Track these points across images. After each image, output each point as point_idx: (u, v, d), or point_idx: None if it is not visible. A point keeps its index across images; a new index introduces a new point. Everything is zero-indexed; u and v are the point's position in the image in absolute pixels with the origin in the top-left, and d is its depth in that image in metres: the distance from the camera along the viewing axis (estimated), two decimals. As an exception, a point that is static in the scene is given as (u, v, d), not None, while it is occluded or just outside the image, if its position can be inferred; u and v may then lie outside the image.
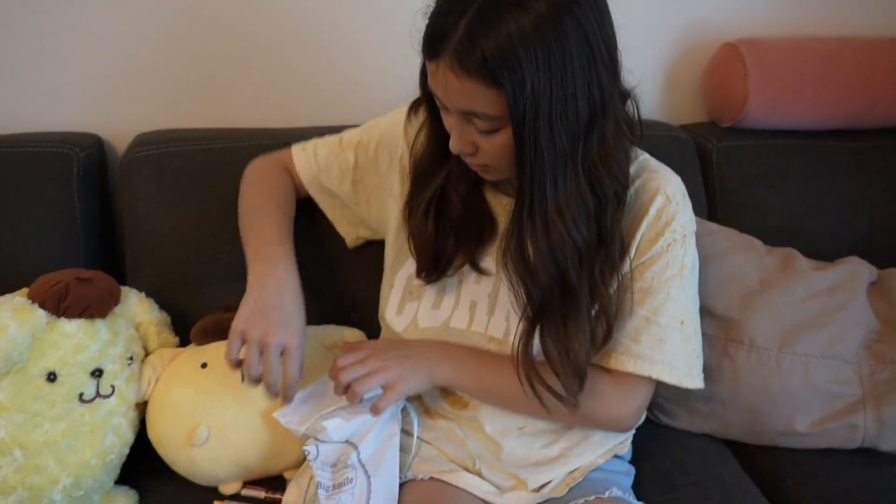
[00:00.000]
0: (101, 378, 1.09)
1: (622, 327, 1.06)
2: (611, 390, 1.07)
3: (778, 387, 1.28)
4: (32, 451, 1.02)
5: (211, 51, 1.48)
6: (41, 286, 1.07)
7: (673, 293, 1.06)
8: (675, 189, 1.07)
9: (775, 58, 1.51)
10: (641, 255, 1.05)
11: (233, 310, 1.21)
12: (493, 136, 0.93)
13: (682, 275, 1.06)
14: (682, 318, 1.07)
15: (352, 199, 1.25)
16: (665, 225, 1.04)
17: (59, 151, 1.32)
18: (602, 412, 1.08)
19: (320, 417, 1.06)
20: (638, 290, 1.05)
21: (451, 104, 0.93)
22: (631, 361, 1.05)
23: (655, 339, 1.05)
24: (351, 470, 1.04)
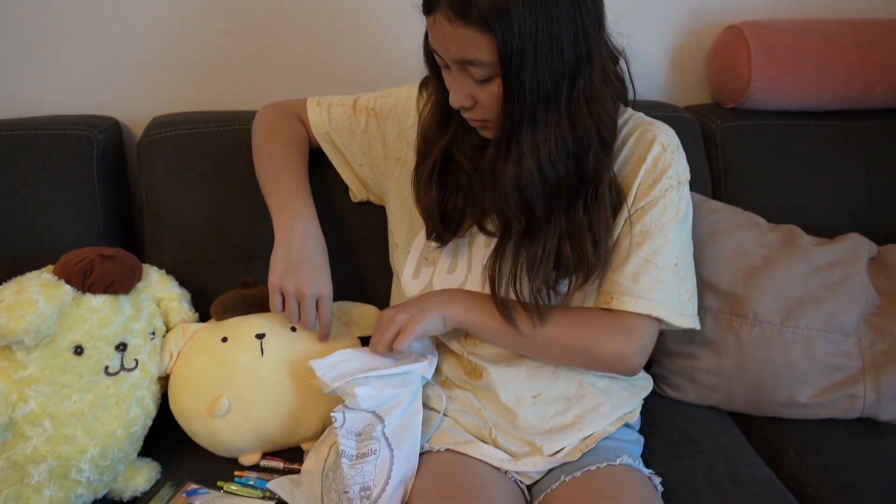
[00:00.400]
0: (125, 352, 1.12)
1: (622, 270, 1.11)
2: (613, 329, 1.11)
3: (781, 359, 1.31)
4: (61, 422, 1.05)
5: (221, 35, 1.50)
6: (66, 263, 1.10)
7: (670, 236, 1.11)
8: (669, 139, 1.13)
9: (778, 40, 1.53)
10: (640, 201, 1.11)
11: (251, 286, 1.26)
12: (488, 85, 0.99)
13: (678, 219, 1.12)
14: (678, 260, 1.13)
15: (356, 162, 1.30)
16: (662, 172, 1.11)
17: (79, 134, 1.35)
18: (607, 350, 1.12)
19: (353, 381, 1.09)
20: (637, 233, 1.11)
21: (449, 55, 0.99)
22: (631, 301, 1.10)
23: (653, 280, 1.10)
24: (375, 442, 1.07)
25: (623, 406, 1.20)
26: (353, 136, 1.28)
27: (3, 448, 1.03)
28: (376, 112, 1.27)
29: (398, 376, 1.12)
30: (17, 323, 1.00)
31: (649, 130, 1.13)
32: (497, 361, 1.17)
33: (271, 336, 1.21)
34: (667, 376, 1.39)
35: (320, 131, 1.30)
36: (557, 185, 1.03)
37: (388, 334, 1.10)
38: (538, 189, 1.03)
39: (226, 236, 1.36)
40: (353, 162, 1.31)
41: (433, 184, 1.14)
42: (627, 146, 1.13)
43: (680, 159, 1.14)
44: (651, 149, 1.11)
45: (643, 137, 1.13)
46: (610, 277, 1.13)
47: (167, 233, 1.35)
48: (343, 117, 1.29)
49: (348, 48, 1.55)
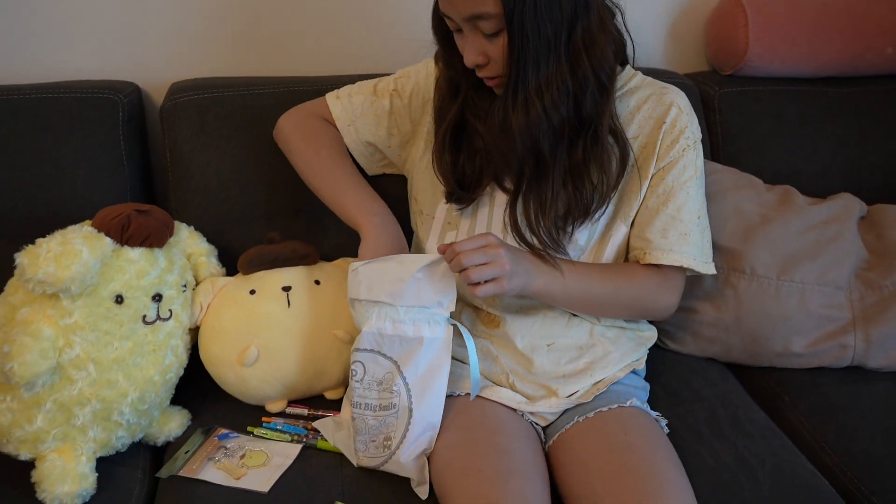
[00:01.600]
0: (160, 302, 1.17)
1: (651, 226, 1.19)
2: (657, 281, 1.20)
3: (776, 312, 1.37)
4: (104, 367, 1.11)
5: (233, 3, 1.54)
6: (105, 217, 1.15)
7: (692, 192, 1.20)
8: (684, 101, 1.22)
9: (774, 8, 1.58)
10: (662, 160, 1.19)
11: (276, 242, 1.32)
12: (497, 38, 1.06)
13: (696, 175, 1.21)
14: (699, 213, 1.22)
15: (385, 143, 1.33)
16: (680, 133, 1.19)
17: (106, 97, 1.39)
18: (659, 301, 1.23)
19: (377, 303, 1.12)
20: (661, 192, 1.19)
21: (458, 14, 1.06)
22: (663, 255, 1.18)
23: (680, 234, 1.19)
24: (396, 396, 1.11)
25: (631, 354, 1.27)
26: (380, 120, 1.31)
27: (52, 390, 1.08)
28: (399, 92, 1.31)
29: (422, 313, 1.13)
30: (65, 271, 1.04)
31: (665, 94, 1.21)
32: (514, 312, 1.23)
33: (297, 288, 1.27)
34: (668, 329, 1.45)
35: (344, 123, 1.32)
36: (560, 127, 1.10)
37: (482, 272, 1.05)
38: (545, 131, 1.09)
39: (248, 196, 1.41)
40: (381, 145, 1.33)
41: (447, 148, 1.20)
42: (645, 108, 1.20)
43: (694, 120, 1.22)
44: (669, 111, 1.19)
45: (660, 101, 1.20)
46: (640, 234, 1.20)
47: (192, 193, 1.40)
48: (366, 104, 1.32)
49: (367, 15, 1.58)
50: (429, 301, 1.12)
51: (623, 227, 1.22)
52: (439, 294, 1.12)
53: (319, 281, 1.29)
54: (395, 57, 1.43)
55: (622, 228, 1.22)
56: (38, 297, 1.09)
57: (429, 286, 1.11)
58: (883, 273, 1.40)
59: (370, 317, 1.12)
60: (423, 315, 1.13)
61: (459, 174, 1.20)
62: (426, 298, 1.12)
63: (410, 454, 1.11)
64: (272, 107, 1.40)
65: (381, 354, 1.12)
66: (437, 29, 1.16)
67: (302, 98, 1.39)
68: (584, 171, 1.14)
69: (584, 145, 1.13)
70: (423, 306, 1.12)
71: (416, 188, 1.30)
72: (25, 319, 1.07)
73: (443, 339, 1.14)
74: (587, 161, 1.14)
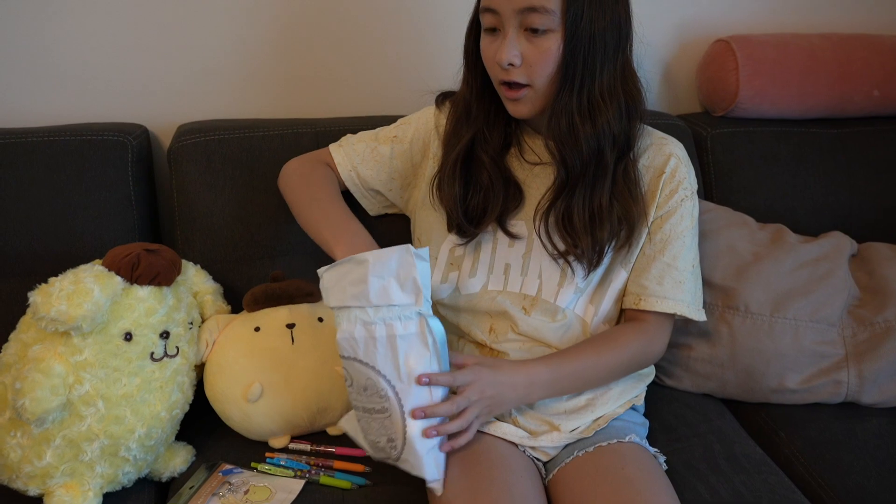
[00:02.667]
0: (168, 339, 1.19)
1: (647, 274, 1.22)
2: (651, 331, 1.23)
3: (771, 348, 1.39)
4: (113, 403, 1.12)
5: (246, 46, 1.58)
6: (115, 256, 1.17)
7: (687, 242, 1.24)
8: (683, 153, 1.26)
9: (763, 53, 1.62)
10: (660, 209, 1.23)
11: (280, 280, 1.34)
12: (544, 39, 1.08)
13: (692, 225, 1.25)
14: (693, 262, 1.25)
15: (387, 187, 1.36)
16: (678, 183, 1.23)
17: (116, 140, 1.43)
18: (655, 350, 1.25)
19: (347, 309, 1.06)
20: (658, 241, 1.22)
21: (512, 3, 1.07)
22: (658, 302, 1.21)
23: (676, 282, 1.22)
24: (385, 400, 1.06)
25: (630, 391, 1.29)
26: (381, 166, 1.34)
27: (61, 426, 1.10)
28: (399, 138, 1.34)
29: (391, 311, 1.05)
30: (77, 310, 1.07)
31: (665, 144, 1.25)
32: (518, 350, 1.24)
33: (301, 325, 1.29)
34: (664, 366, 1.46)
35: (346, 168, 1.34)
36: (617, 142, 1.14)
37: (459, 440, 1.09)
38: (611, 140, 1.13)
39: (253, 235, 1.43)
40: (383, 188, 1.35)
41: (457, 179, 1.22)
42: (645, 157, 1.24)
43: (692, 171, 1.26)
44: (668, 161, 1.23)
45: (660, 151, 1.24)
46: (635, 280, 1.24)
47: (198, 232, 1.43)
48: (367, 150, 1.34)
49: (371, 60, 1.62)
50: (397, 298, 1.04)
51: (623, 272, 1.24)
52: (406, 289, 1.05)
53: (322, 318, 1.32)
54: (398, 101, 1.48)
55: (622, 273, 1.24)
56: (49, 335, 1.11)
57: (394, 282, 1.04)
58: (874, 310, 1.42)
59: (340, 322, 1.06)
60: (392, 313, 1.05)
61: (464, 205, 1.23)
62: (393, 296, 1.04)
63: (418, 452, 1.08)
64: (276, 149, 1.44)
65: (357, 361, 1.06)
66: (468, 48, 1.19)
67: (305, 140, 1.44)
68: (625, 191, 1.18)
69: (624, 169, 1.18)
70: (390, 304, 1.04)
71: (420, 228, 1.33)
72: (37, 356, 1.09)
73: (416, 332, 1.06)
74: (627, 184, 1.18)
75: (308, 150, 1.42)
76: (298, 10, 1.58)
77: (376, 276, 1.03)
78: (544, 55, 1.09)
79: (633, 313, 1.26)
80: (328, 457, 1.28)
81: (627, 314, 1.27)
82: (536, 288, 1.23)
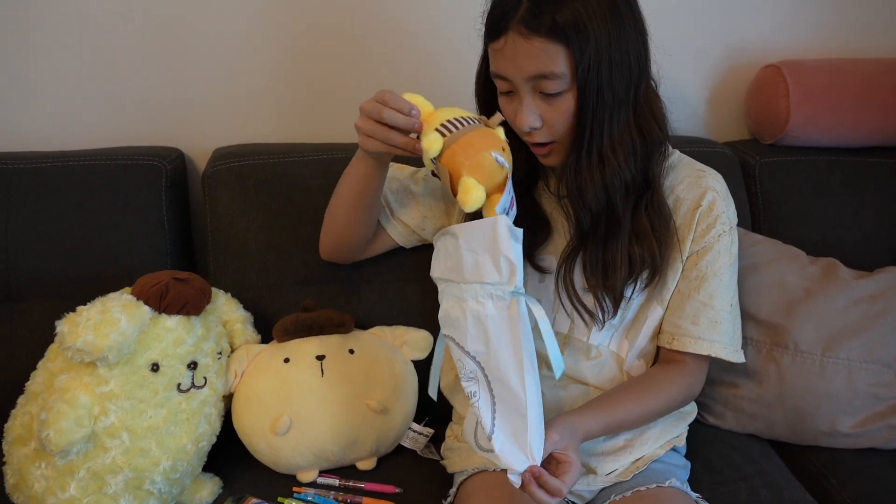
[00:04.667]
0: (195, 370, 1.18)
1: (681, 312, 1.17)
2: (684, 385, 1.19)
3: (822, 389, 1.33)
4: (138, 435, 1.11)
5: (283, 71, 1.58)
6: (144, 285, 1.16)
7: (725, 280, 1.18)
8: (722, 186, 1.20)
9: (815, 78, 1.57)
10: (696, 244, 1.17)
11: (311, 310, 1.32)
12: (559, 100, 1.05)
13: (731, 263, 1.19)
14: (731, 301, 1.20)
15: (420, 226, 1.32)
16: (716, 218, 1.17)
17: (150, 163, 1.43)
18: (694, 392, 1.21)
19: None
20: (693, 278, 1.17)
21: (521, 73, 1.04)
22: (692, 343, 1.16)
23: (711, 322, 1.17)
24: (474, 382, 1.00)
25: (671, 430, 1.24)
26: (416, 202, 1.31)
27: (85, 458, 1.08)
28: (429, 177, 1.31)
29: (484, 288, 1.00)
30: (103, 340, 1.06)
31: (702, 177, 1.19)
32: (553, 387, 1.20)
33: (331, 357, 1.27)
34: (708, 404, 1.41)
35: (403, 239, 1.33)
36: (632, 185, 1.10)
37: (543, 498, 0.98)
38: (619, 188, 1.09)
39: (285, 262, 1.41)
40: (415, 227, 1.32)
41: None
42: (680, 189, 1.18)
43: (731, 205, 1.21)
44: (705, 195, 1.17)
45: (696, 183, 1.19)
46: (670, 319, 1.19)
47: (231, 258, 1.41)
48: (401, 189, 1.31)
49: (411, 84, 1.58)
50: (489, 275, 0.99)
51: (659, 308, 1.20)
52: (500, 265, 0.99)
53: (354, 350, 1.29)
54: None
55: (658, 310, 1.20)
56: (75, 365, 1.10)
57: (487, 258, 0.99)
58: (933, 351, 1.35)
59: (440, 295, 1.03)
60: (484, 290, 1.00)
61: None
62: (485, 272, 0.99)
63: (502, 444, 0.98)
64: (311, 175, 1.42)
65: (451, 340, 1.02)
66: (480, 94, 1.16)
67: (338, 165, 1.36)
68: (648, 230, 1.13)
69: (647, 206, 1.13)
70: (482, 282, 1.00)
71: None
72: (63, 387, 1.08)
73: (506, 315, 1.00)
74: (652, 223, 1.13)
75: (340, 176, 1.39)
76: (337, 34, 1.57)
77: (469, 251, 1.01)
78: (563, 115, 1.06)
79: (668, 353, 1.21)
80: (357, 492, 1.25)
81: (663, 353, 1.22)
82: (568, 326, 1.19)
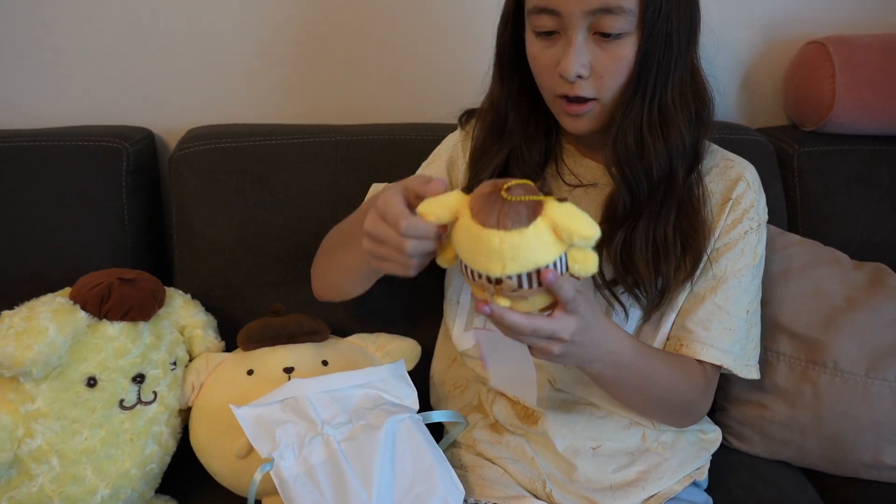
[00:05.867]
0: (142, 384, 1.06)
1: (693, 315, 1.04)
2: (704, 385, 1.06)
3: (865, 415, 1.20)
4: (70, 460, 0.99)
5: (266, 44, 1.45)
6: (83, 287, 1.05)
7: (745, 283, 1.05)
8: (754, 176, 1.09)
9: (865, 57, 1.41)
10: (720, 240, 1.05)
11: (281, 314, 1.19)
12: (617, 44, 0.92)
13: (754, 264, 1.07)
14: (749, 307, 1.07)
15: None
16: (744, 212, 1.06)
17: (109, 146, 1.29)
18: (700, 410, 1.08)
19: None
20: (710, 277, 1.05)
21: (582, 4, 0.90)
22: (702, 350, 1.03)
23: (725, 328, 1.04)
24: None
25: (691, 462, 1.11)
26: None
27: (7, 487, 0.97)
28: (437, 157, 1.17)
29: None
30: (25, 353, 0.94)
31: (732, 167, 1.08)
32: (556, 408, 1.07)
33: (301, 370, 1.13)
34: (732, 426, 1.28)
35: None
36: (690, 153, 0.99)
37: (535, 341, 0.83)
38: (682, 154, 0.98)
39: (256, 259, 1.29)
40: None
41: None
42: (708, 180, 1.05)
43: (762, 199, 1.09)
44: (736, 185, 1.06)
45: (726, 174, 1.07)
46: (680, 322, 1.05)
47: (196, 253, 1.29)
48: None
49: (395, 66, 1.48)
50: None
51: (672, 314, 1.06)
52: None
53: (328, 361, 1.15)
54: (421, 108, 1.35)
55: (671, 315, 1.06)
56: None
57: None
58: None
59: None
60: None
61: None
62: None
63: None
64: (290, 160, 1.30)
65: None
66: (503, 37, 1.01)
67: (326, 150, 1.31)
68: (690, 214, 1.02)
69: (691, 184, 1.02)
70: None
71: (449, 271, 1.16)
72: (-20, 405, 0.95)
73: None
74: (693, 203, 1.02)
75: (327, 163, 1.30)
76: (323, 8, 1.44)
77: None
78: (618, 64, 0.92)
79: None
80: (327, 523, 1.11)
81: None
82: None
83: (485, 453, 1.09)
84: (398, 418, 1.00)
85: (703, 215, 1.03)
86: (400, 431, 0.99)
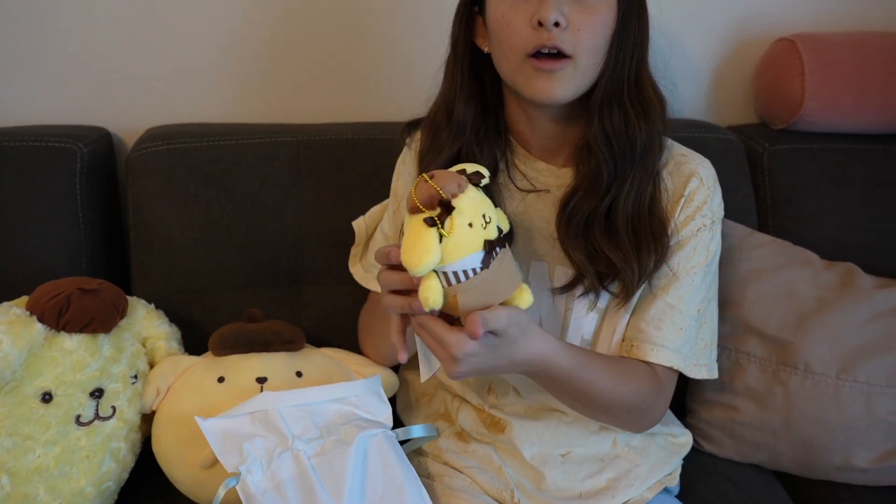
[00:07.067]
0: (101, 399, 1.02)
1: (645, 315, 1.03)
2: (655, 388, 1.04)
3: (836, 417, 1.20)
4: (22, 479, 0.96)
5: (227, 41, 1.42)
6: (40, 297, 1.01)
7: (697, 281, 1.04)
8: (708, 173, 1.07)
9: (835, 54, 1.41)
10: (673, 238, 1.04)
11: (257, 320, 1.17)
12: (595, 7, 0.94)
13: (707, 261, 1.05)
14: (700, 306, 1.05)
15: None
16: (697, 209, 1.04)
17: (62, 146, 1.25)
18: (653, 413, 1.06)
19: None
20: (663, 275, 1.03)
21: None
22: (654, 351, 1.02)
23: (676, 328, 1.03)
24: None
25: (661, 467, 1.10)
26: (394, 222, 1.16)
27: (-46, 509, 0.93)
28: (395, 193, 1.16)
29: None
30: (-25, 367, 0.90)
31: (686, 163, 1.06)
32: (522, 416, 1.06)
33: (274, 380, 1.10)
34: (702, 428, 1.28)
35: (363, 237, 1.19)
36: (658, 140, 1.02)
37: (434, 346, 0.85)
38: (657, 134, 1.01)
39: (218, 262, 1.26)
40: None
41: None
42: (662, 174, 1.04)
43: (716, 196, 1.07)
44: (688, 183, 1.04)
45: (678, 171, 1.06)
46: (633, 322, 1.04)
47: (154, 257, 1.25)
48: (381, 212, 1.19)
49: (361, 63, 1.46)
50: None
51: (626, 315, 1.05)
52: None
53: (302, 373, 1.12)
54: (393, 106, 1.33)
55: (625, 317, 1.05)
56: (-54, 395, 0.94)
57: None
58: (967, 374, 1.21)
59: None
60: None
61: None
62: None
63: None
64: (250, 160, 1.27)
65: None
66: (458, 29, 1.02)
67: (284, 151, 1.28)
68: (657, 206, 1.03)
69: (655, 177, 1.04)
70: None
71: None
72: (-74, 422, 0.92)
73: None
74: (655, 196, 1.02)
75: (288, 162, 1.28)
76: (281, 7, 1.41)
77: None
78: (595, 18, 0.93)
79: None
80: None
81: None
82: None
83: (451, 462, 1.07)
84: (370, 433, 0.98)
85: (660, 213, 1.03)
86: (371, 447, 0.97)
